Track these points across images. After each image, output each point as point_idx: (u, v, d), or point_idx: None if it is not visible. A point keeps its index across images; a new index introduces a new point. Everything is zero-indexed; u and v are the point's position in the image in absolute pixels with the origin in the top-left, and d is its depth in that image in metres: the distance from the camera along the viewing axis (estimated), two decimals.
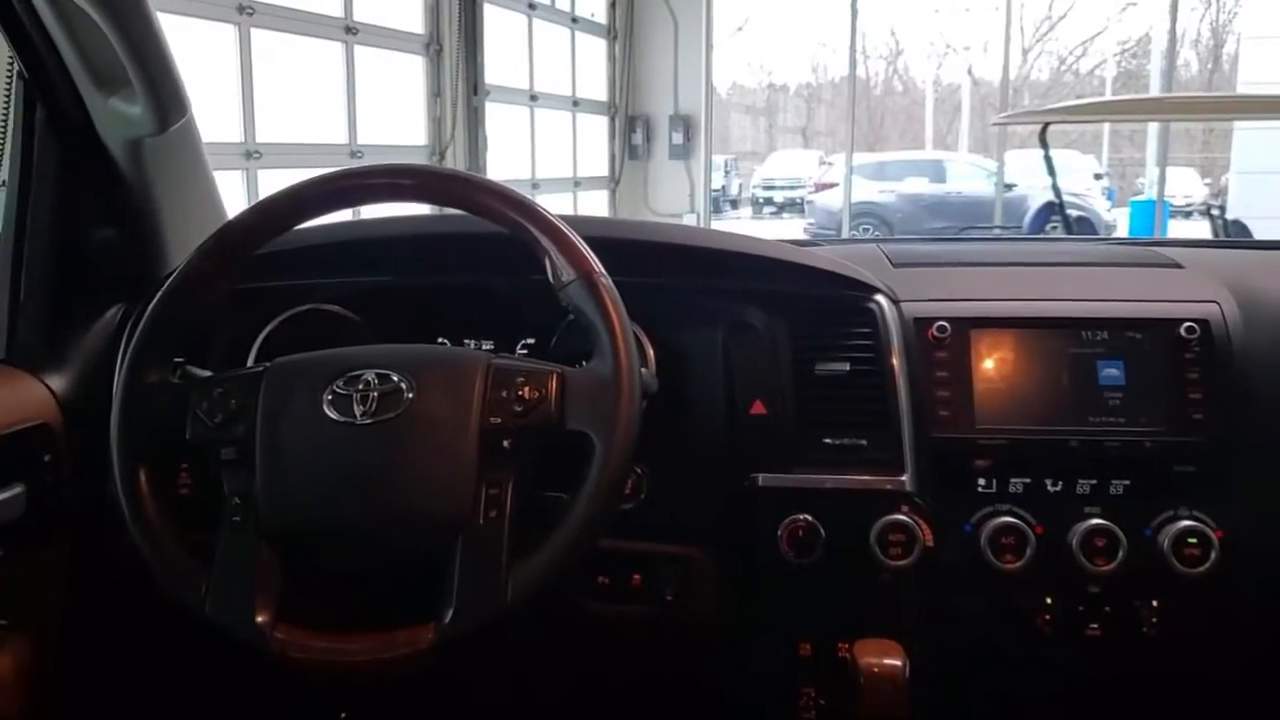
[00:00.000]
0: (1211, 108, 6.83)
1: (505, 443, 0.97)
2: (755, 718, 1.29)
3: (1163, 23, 10.56)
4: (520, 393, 0.97)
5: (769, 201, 19.49)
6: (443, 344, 1.28)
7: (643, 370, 1.01)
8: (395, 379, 0.98)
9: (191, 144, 1.42)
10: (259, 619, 0.94)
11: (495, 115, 8.08)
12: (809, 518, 1.19)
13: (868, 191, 13.05)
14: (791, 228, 15.52)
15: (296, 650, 0.94)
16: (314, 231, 1.26)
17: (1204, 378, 1.18)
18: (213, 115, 5.25)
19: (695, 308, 1.26)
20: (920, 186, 13.67)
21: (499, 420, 0.97)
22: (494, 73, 8.00)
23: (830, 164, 15.33)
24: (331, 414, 0.98)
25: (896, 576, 1.18)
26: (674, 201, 10.27)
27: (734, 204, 20.25)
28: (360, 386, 0.98)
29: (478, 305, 1.31)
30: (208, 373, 1.06)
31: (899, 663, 1.10)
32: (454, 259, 1.30)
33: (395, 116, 7.16)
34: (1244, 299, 1.23)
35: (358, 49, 6.47)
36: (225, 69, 5.37)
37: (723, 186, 18.70)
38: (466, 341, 1.30)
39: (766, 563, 1.20)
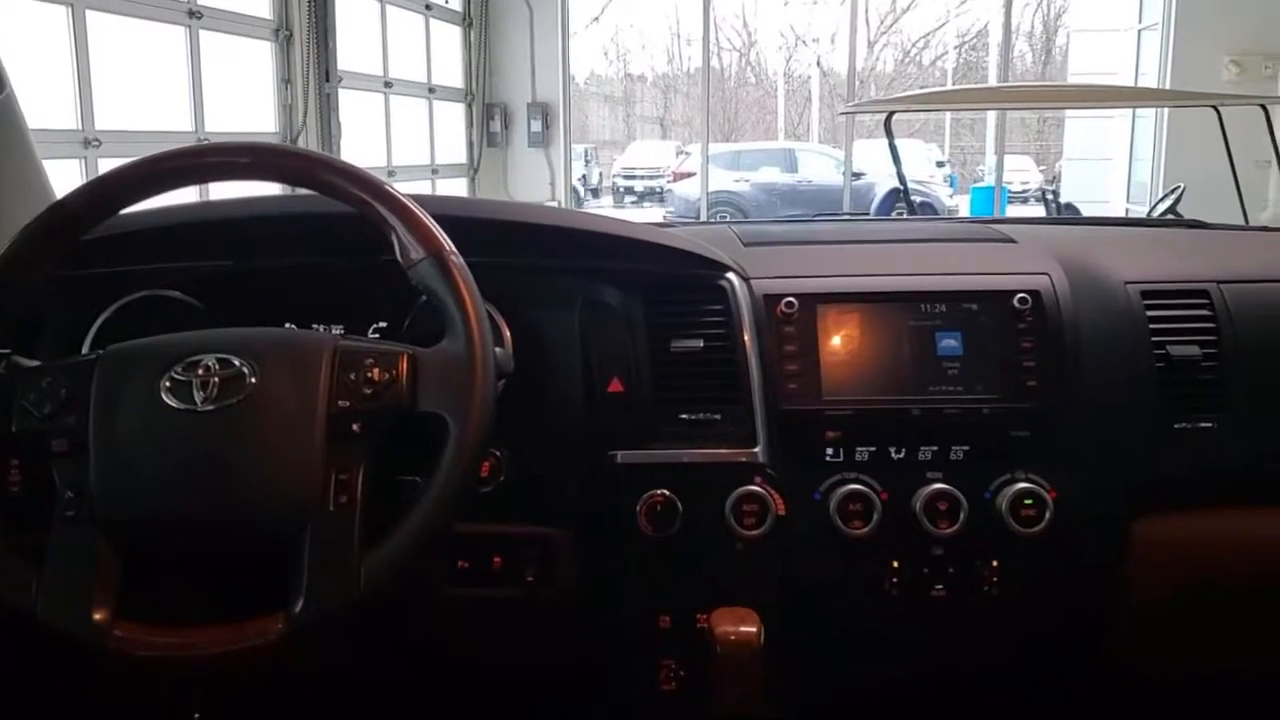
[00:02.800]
0: (1044, 97, 7.18)
1: (355, 426, 0.95)
2: (616, 692, 1.30)
3: (999, 17, 11.03)
4: (369, 375, 0.95)
5: (629, 190, 19.54)
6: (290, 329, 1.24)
7: (497, 350, 1.01)
8: (237, 364, 0.95)
9: (12, 122, 1.34)
10: (96, 617, 0.90)
11: (349, 102, 7.89)
12: (667, 492, 1.20)
13: (724, 181, 13.28)
14: (652, 216, 15.62)
15: (138, 648, 0.91)
16: (149, 214, 1.21)
17: (1036, 346, 1.23)
18: (46, 101, 4.98)
19: (551, 287, 1.26)
20: (774, 176, 13.98)
21: (347, 404, 0.95)
22: (347, 59, 7.82)
23: (688, 153, 15.52)
24: (170, 401, 0.94)
25: (751, 546, 1.20)
26: (535, 190, 10.21)
27: (595, 193, 20.23)
28: (200, 372, 0.95)
29: (326, 288, 1.28)
30: (35, 363, 1.01)
31: (754, 629, 1.13)
32: (299, 240, 1.26)
33: (244, 103, 6.92)
34: (1073, 271, 1.30)
35: (202, 34, 6.23)
36: (58, 52, 5.09)
37: (583, 175, 18.67)
38: (315, 326, 1.27)
39: (626, 538, 1.21)
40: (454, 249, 0.99)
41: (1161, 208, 6.03)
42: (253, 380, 0.95)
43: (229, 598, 0.97)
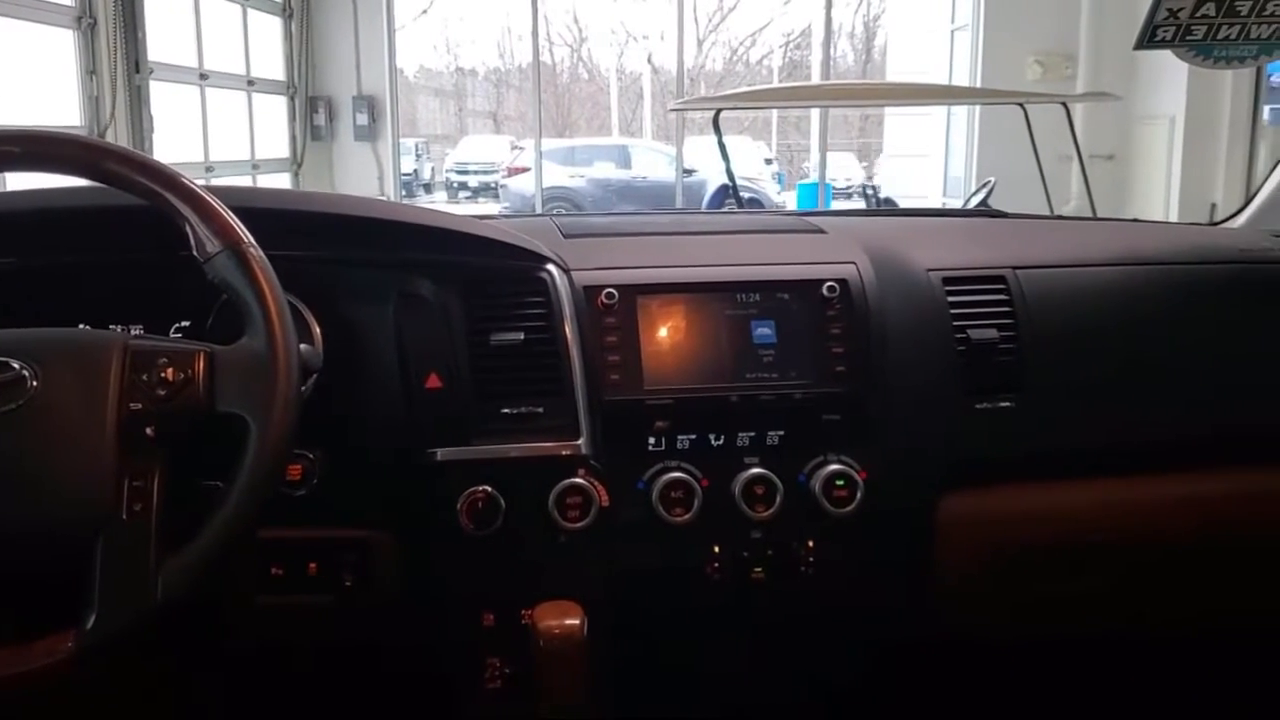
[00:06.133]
0: (864, 94, 7.45)
1: (148, 430, 0.90)
2: (441, 693, 1.28)
3: (821, 17, 11.38)
4: (163, 375, 0.91)
5: (463, 186, 19.34)
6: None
7: (304, 347, 0.98)
8: (16, 366, 0.90)
9: None
10: None
11: (162, 95, 7.54)
12: (489, 489, 1.19)
13: (559, 176, 13.28)
14: (487, 211, 15.50)
15: None
16: None
17: (844, 332, 1.27)
18: None
19: (362, 281, 1.23)
20: (609, 171, 14.08)
21: (140, 406, 0.90)
22: (158, 50, 7.46)
23: (522, 148, 15.44)
24: None
25: (575, 538, 1.20)
26: (363, 184, 9.97)
27: (427, 188, 19.91)
28: None
29: (122, 286, 1.21)
30: None
31: (577, 622, 1.12)
32: (90, 236, 1.19)
33: (44, 96, 6.52)
34: (878, 260, 1.34)
35: None
36: None
37: (415, 170, 18.38)
38: (113, 327, 1.20)
39: (446, 538, 1.19)
40: (252, 241, 0.96)
41: (974, 201, 6.33)
42: (34, 384, 0.89)
43: (15, 617, 0.91)
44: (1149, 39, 1.54)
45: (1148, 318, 1.39)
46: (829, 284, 1.28)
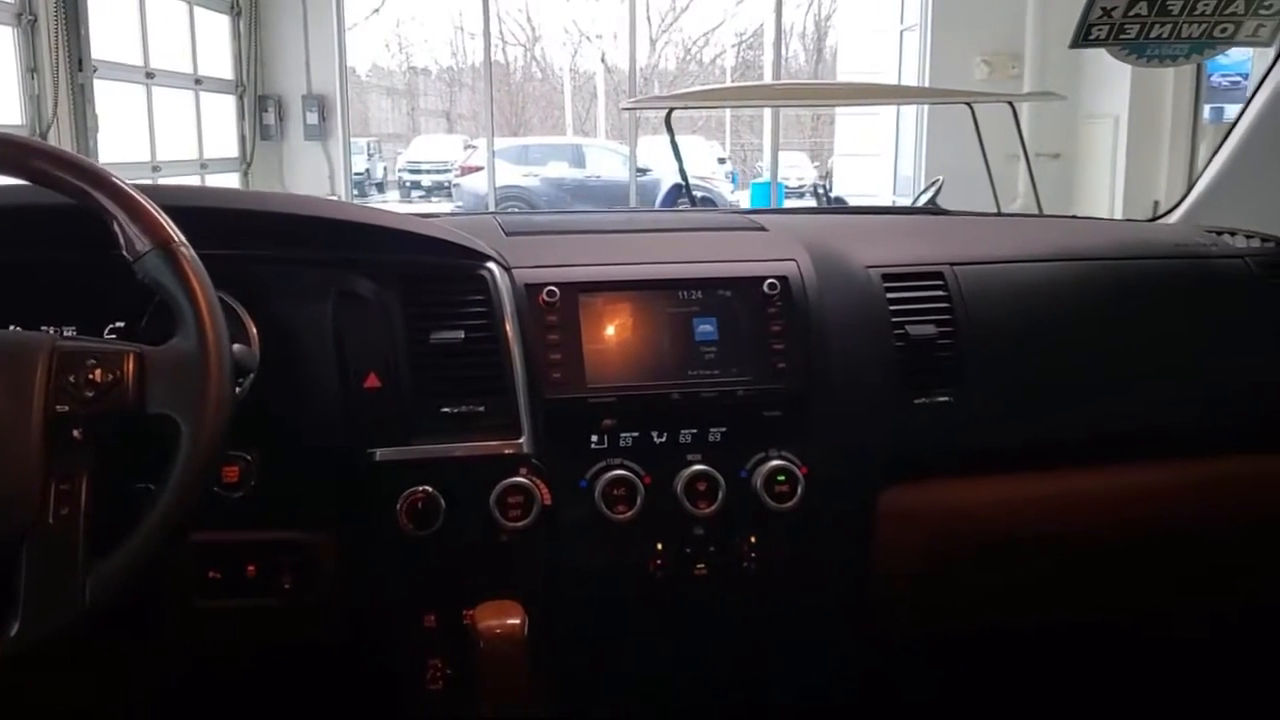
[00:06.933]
0: (815, 94, 7.50)
1: (75, 432, 0.89)
2: (383, 694, 1.27)
3: (772, 17, 11.43)
4: (91, 376, 0.89)
5: (416, 185, 19.22)
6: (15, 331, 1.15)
7: (238, 347, 0.96)
8: None
9: None
10: None
11: (106, 94, 7.43)
12: (429, 488, 1.18)
13: (513, 175, 13.26)
14: (441, 210, 15.40)
15: None
16: None
17: (785, 329, 1.27)
18: None
19: (299, 279, 1.21)
20: (562, 171, 14.07)
21: (66, 408, 0.89)
22: (102, 48, 7.35)
23: (474, 147, 15.38)
24: None
25: (517, 538, 1.19)
26: (313, 184, 9.88)
27: (380, 187, 19.76)
28: None
29: (56, 286, 1.18)
30: None
31: (518, 621, 1.12)
32: (21, 234, 1.17)
33: None
34: (818, 256, 1.35)
35: None
36: None
37: (366, 169, 18.24)
38: (45, 328, 1.17)
39: (386, 539, 1.18)
40: (183, 240, 0.94)
41: (923, 199, 6.40)
42: None
43: None
44: (1084, 37, 1.56)
45: (1084, 312, 1.41)
46: (770, 281, 1.28)
